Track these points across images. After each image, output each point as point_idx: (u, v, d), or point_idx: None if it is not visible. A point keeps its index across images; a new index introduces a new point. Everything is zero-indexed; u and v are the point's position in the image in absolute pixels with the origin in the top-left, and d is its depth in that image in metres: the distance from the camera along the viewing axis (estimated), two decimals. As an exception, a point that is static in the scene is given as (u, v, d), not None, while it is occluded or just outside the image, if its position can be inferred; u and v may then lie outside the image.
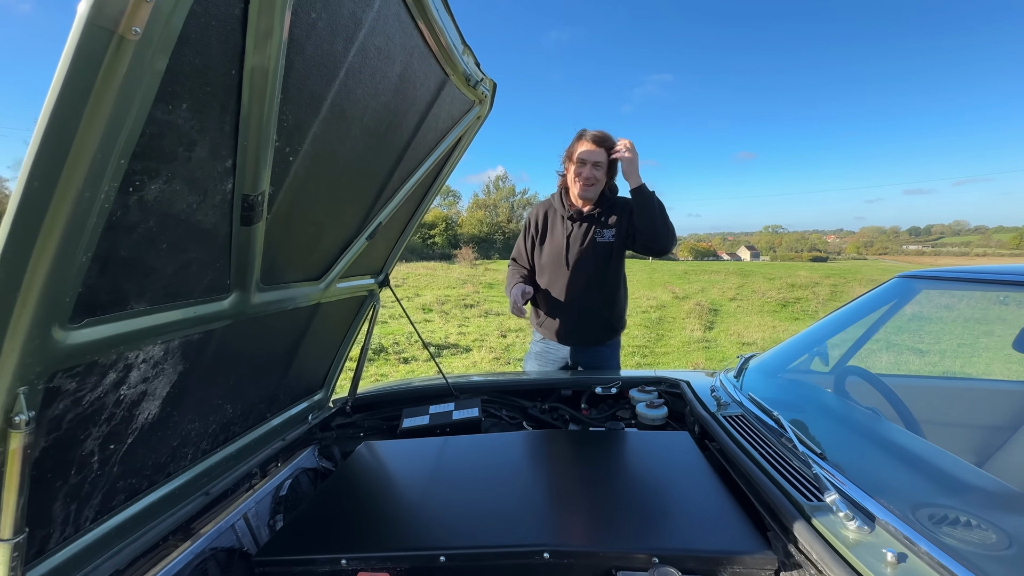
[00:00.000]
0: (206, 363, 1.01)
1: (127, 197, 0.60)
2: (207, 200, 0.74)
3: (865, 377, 1.55)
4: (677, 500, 1.03)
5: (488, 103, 1.62)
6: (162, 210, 0.67)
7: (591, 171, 2.03)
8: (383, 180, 1.36)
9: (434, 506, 1.13)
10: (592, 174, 2.03)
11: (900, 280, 1.67)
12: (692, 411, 1.47)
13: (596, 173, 2.04)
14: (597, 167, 2.04)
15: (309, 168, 0.98)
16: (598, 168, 2.04)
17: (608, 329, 2.23)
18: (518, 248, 2.35)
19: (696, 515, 0.97)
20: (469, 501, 1.12)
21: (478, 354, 6.73)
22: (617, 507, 1.02)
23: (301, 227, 1.09)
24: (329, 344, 1.68)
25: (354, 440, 1.72)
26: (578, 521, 0.97)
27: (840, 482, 0.90)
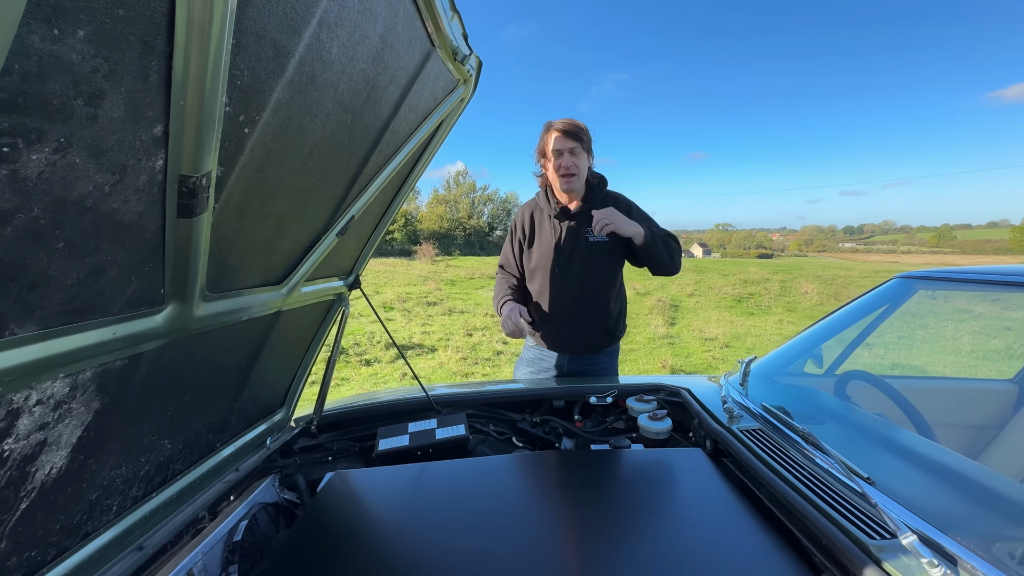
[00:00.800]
0: (133, 395, 0.79)
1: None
2: (126, 181, 0.53)
3: (872, 381, 1.48)
4: (715, 538, 0.90)
5: (472, 85, 1.44)
6: (53, 193, 0.46)
7: (570, 159, 1.86)
8: (357, 166, 1.16)
9: (427, 555, 0.95)
10: (572, 162, 1.87)
11: (899, 281, 1.63)
12: (703, 424, 1.35)
13: (575, 160, 1.87)
14: (575, 153, 1.87)
15: (269, 145, 0.77)
16: (576, 155, 1.88)
17: (606, 335, 2.08)
18: (505, 253, 2.18)
19: (742, 558, 0.84)
20: (469, 546, 0.95)
21: (444, 354, 6.52)
22: (648, 551, 0.87)
23: (258, 220, 0.88)
24: (291, 356, 1.45)
25: (322, 465, 1.50)
26: (606, 573, 0.82)
27: (904, 515, 0.79)
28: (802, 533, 0.88)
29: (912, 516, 0.79)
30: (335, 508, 1.14)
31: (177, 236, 0.66)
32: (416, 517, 1.06)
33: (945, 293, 1.71)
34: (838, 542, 0.79)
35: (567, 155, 1.86)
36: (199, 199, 0.64)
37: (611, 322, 2.06)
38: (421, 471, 1.28)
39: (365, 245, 1.55)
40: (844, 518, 0.83)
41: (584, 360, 2.08)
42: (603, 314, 2.03)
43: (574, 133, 1.85)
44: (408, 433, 1.51)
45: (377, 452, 1.43)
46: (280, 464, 1.44)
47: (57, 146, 0.43)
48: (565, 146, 1.85)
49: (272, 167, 0.81)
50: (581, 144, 1.87)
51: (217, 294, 0.86)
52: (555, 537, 0.95)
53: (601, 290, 2.00)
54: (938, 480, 0.96)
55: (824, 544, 0.82)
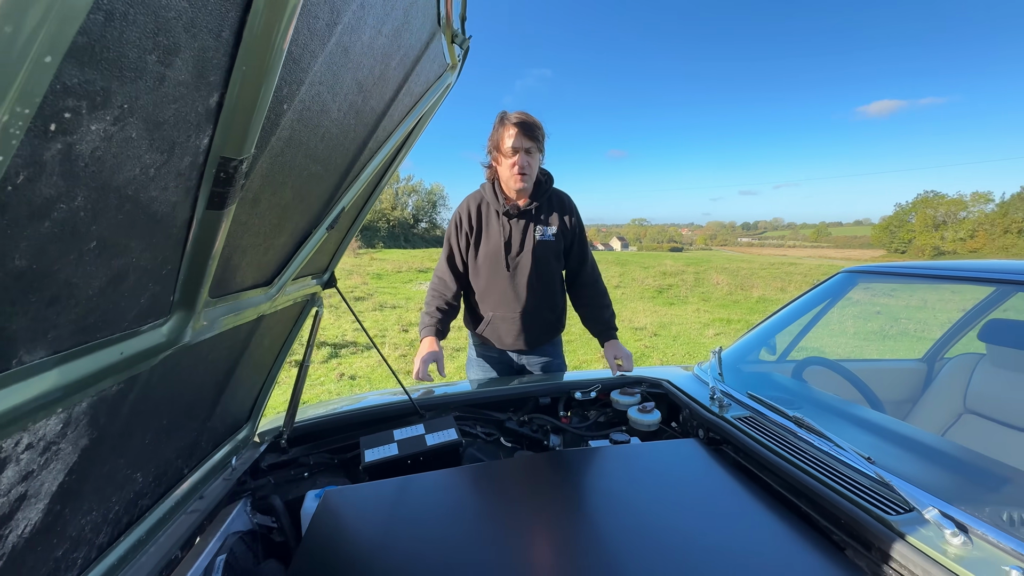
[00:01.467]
0: (120, 424, 0.64)
1: (41, 144, 0.28)
2: (171, 163, 0.42)
3: (829, 365, 1.63)
4: (735, 525, 0.93)
5: (458, 71, 1.37)
6: (101, 176, 0.35)
7: (525, 159, 1.80)
8: (354, 153, 1.04)
9: (452, 571, 0.88)
10: (527, 161, 1.80)
11: (844, 275, 1.81)
12: (694, 414, 1.41)
13: (531, 160, 1.81)
14: (531, 153, 1.81)
15: (295, 126, 0.66)
16: (531, 155, 1.81)
17: (553, 329, 2.10)
18: (447, 255, 2.00)
19: (767, 541, 0.88)
20: (492, 557, 0.90)
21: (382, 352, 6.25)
22: (674, 543, 0.88)
23: (266, 212, 0.76)
24: (262, 364, 1.29)
25: (298, 483, 1.36)
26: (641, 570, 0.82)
27: (917, 492, 0.87)
28: (819, 514, 0.94)
29: (923, 493, 0.88)
30: (337, 533, 1.03)
31: (201, 231, 0.54)
32: (428, 533, 0.99)
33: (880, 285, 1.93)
34: (860, 519, 0.85)
35: (523, 155, 1.79)
36: (234, 187, 0.53)
37: (556, 316, 2.08)
38: (421, 482, 1.20)
39: (342, 241, 1.41)
40: (859, 496, 0.90)
41: (532, 355, 2.08)
42: (550, 309, 2.04)
43: (532, 132, 1.79)
44: (395, 441, 1.41)
45: (365, 464, 1.32)
46: (251, 486, 1.29)
47: (119, 114, 0.32)
48: (523, 145, 1.78)
49: (291, 151, 0.70)
50: (537, 144, 1.82)
51: (217, 299, 0.73)
52: (583, 537, 0.93)
53: (549, 286, 2.00)
54: (915, 454, 1.08)
55: (844, 522, 0.89)
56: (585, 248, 2.03)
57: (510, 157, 1.79)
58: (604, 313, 2.00)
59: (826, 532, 0.92)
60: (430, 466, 1.33)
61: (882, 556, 0.81)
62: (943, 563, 0.74)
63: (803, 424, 1.15)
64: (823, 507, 0.93)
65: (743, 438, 1.18)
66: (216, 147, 0.47)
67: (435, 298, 1.96)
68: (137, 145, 0.36)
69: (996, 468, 0.99)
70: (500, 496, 1.13)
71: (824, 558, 0.84)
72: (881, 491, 0.90)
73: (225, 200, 0.53)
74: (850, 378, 1.55)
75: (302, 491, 1.31)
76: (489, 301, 1.98)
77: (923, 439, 1.15)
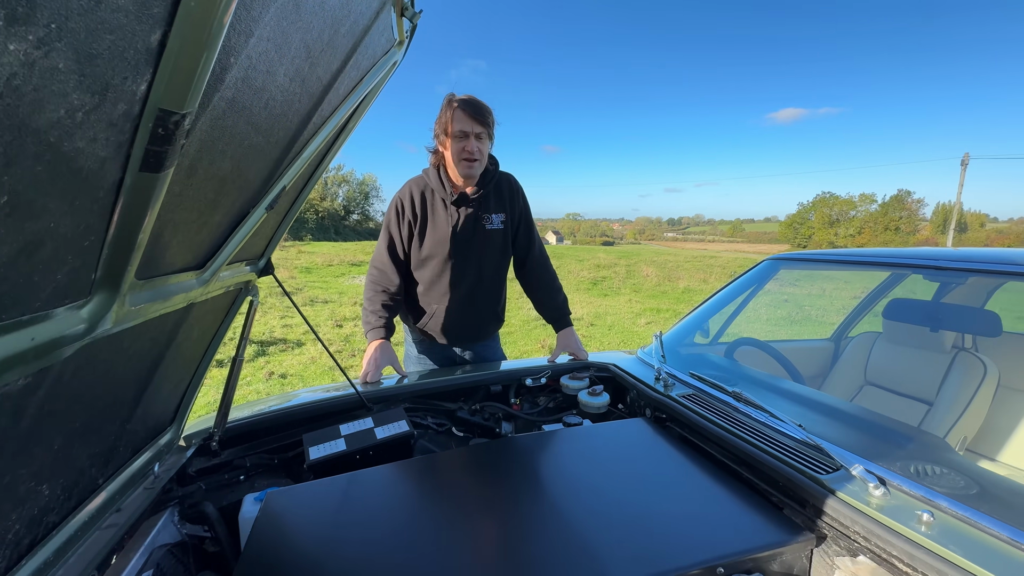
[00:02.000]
0: (23, 428, 0.55)
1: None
2: (103, 108, 0.36)
3: (757, 345, 1.77)
4: (691, 498, 0.98)
5: (405, 48, 1.32)
6: (18, 114, 0.29)
7: (475, 144, 1.71)
8: (297, 128, 0.97)
9: (410, 565, 0.85)
10: (476, 147, 1.72)
11: (770, 261, 1.96)
12: (642, 395, 1.47)
13: (480, 146, 1.73)
14: (480, 139, 1.73)
15: (239, 87, 0.59)
16: (481, 140, 1.74)
17: (497, 321, 2.09)
18: (387, 244, 1.86)
19: (723, 510, 0.94)
20: (450, 547, 0.88)
21: (313, 348, 5.94)
22: (639, 521, 0.92)
23: (203, 184, 0.68)
24: (189, 360, 1.17)
25: (233, 487, 1.25)
26: (618, 548, 0.84)
27: (843, 452, 0.97)
28: (759, 478, 1.02)
29: (847, 453, 0.97)
30: (283, 536, 0.96)
31: (131, 198, 0.47)
32: (382, 529, 0.95)
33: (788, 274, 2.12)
34: (796, 480, 0.93)
35: (473, 139, 1.72)
36: (172, 147, 0.46)
37: (501, 307, 2.07)
38: (372, 477, 1.15)
39: (279, 226, 1.31)
40: (794, 460, 0.98)
41: (475, 348, 2.06)
42: (496, 301, 2.02)
43: (482, 117, 1.72)
44: (342, 436, 1.34)
45: (310, 462, 1.24)
46: (178, 494, 1.17)
47: (45, 36, 0.26)
48: (472, 129, 1.71)
49: (233, 116, 0.63)
50: (488, 130, 1.75)
51: (144, 281, 0.65)
52: (542, 518, 0.93)
53: (495, 277, 1.97)
54: (837, 420, 1.20)
55: (781, 484, 0.96)
56: (532, 231, 2.00)
57: (459, 141, 1.72)
58: (557, 298, 2.02)
59: (765, 494, 0.99)
60: (381, 460, 1.28)
61: (816, 511, 0.89)
62: (868, 512, 0.82)
63: (741, 398, 1.23)
64: (763, 472, 1.01)
65: (688, 414, 1.24)
66: (155, 97, 0.41)
67: (378, 293, 1.84)
68: (64, 80, 0.30)
69: (902, 429, 1.12)
70: (455, 486, 1.11)
71: (765, 517, 0.91)
72: (813, 454, 0.99)
73: (162, 162, 0.46)
74: (776, 356, 1.69)
75: (239, 495, 1.21)
76: (434, 294, 1.92)
77: (843, 407, 1.27)
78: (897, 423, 1.16)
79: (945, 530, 0.76)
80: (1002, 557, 0.71)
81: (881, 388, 1.98)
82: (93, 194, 0.41)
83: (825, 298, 9.22)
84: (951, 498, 0.82)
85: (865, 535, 0.80)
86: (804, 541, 0.85)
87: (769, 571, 0.84)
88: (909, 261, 1.55)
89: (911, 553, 0.74)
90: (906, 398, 1.89)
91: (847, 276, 10.06)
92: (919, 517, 0.79)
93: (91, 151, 0.37)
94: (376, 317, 1.79)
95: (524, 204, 1.96)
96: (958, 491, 0.85)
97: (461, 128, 1.70)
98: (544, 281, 2.02)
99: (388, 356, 1.72)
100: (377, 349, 1.71)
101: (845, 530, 0.84)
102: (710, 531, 0.87)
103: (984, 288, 1.84)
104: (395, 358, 1.74)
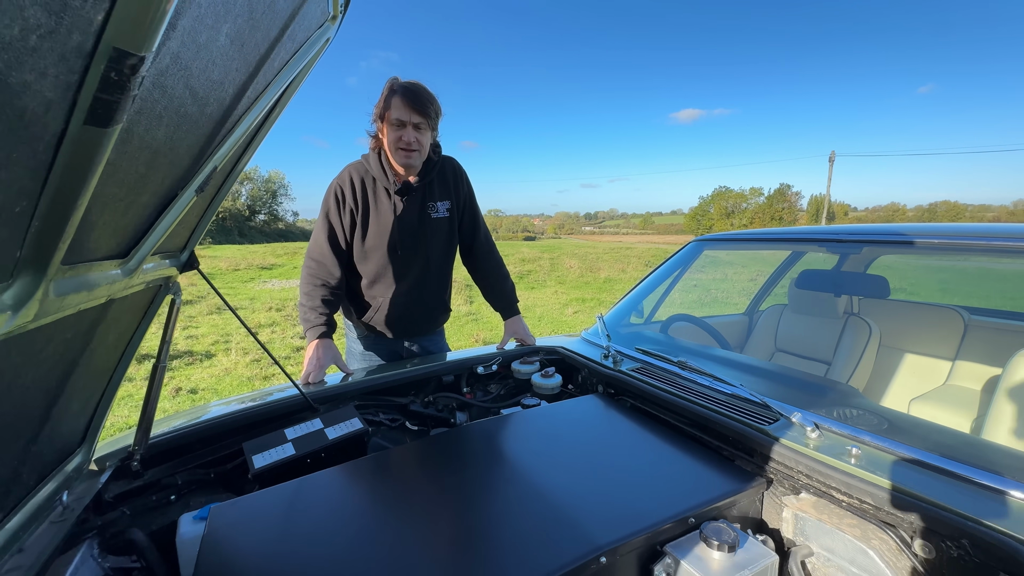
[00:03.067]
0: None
1: None
2: (58, 35, 0.30)
3: (691, 320, 1.91)
4: (653, 461, 1.04)
5: (338, 24, 1.25)
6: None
7: (413, 134, 1.62)
8: (231, 101, 0.88)
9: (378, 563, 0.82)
10: (415, 137, 1.62)
11: (695, 243, 2.12)
12: (593, 372, 1.52)
13: (419, 136, 1.64)
14: (420, 129, 1.63)
15: (184, 39, 0.52)
16: (421, 131, 1.64)
17: (445, 311, 2.06)
18: (326, 234, 1.73)
19: (683, 469, 1.00)
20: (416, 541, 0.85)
21: (227, 359, 5.44)
22: (609, 487, 0.95)
23: (136, 154, 0.59)
24: (102, 370, 1.02)
25: (165, 509, 1.12)
26: (595, 514, 0.87)
27: (782, 405, 1.07)
28: (710, 436, 1.10)
29: (784, 404, 1.08)
30: (236, 552, 0.87)
31: (72, 157, 0.40)
32: (343, 531, 0.90)
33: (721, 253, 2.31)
34: (745, 433, 1.02)
35: (411, 129, 1.62)
36: (124, 98, 0.40)
37: (448, 296, 2.03)
38: (325, 480, 1.08)
39: (204, 214, 1.18)
40: (741, 415, 1.07)
41: (423, 342, 2.02)
42: (444, 290, 1.98)
43: (421, 107, 1.62)
44: (290, 440, 1.24)
45: (255, 471, 1.14)
46: (96, 524, 1.02)
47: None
48: (411, 119, 1.61)
49: (174, 74, 0.56)
50: (428, 120, 1.66)
51: (69, 267, 0.55)
52: (515, 498, 0.93)
53: (443, 266, 1.93)
54: (766, 379, 1.33)
55: (731, 439, 1.05)
56: (477, 217, 1.97)
57: (396, 130, 1.63)
58: (506, 285, 2.01)
59: (718, 450, 1.08)
60: (334, 461, 1.20)
61: (763, 459, 0.98)
62: (808, 453, 0.92)
63: (686, 366, 1.33)
64: (714, 430, 1.09)
65: (641, 385, 1.31)
66: (111, 32, 0.34)
67: (317, 287, 1.71)
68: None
69: (823, 382, 1.27)
70: (418, 479, 1.08)
71: (720, 469, 0.99)
72: (756, 409, 1.09)
73: (111, 114, 0.40)
74: (708, 329, 1.84)
75: (172, 517, 1.08)
76: (380, 286, 1.84)
77: (772, 368, 1.42)
78: (818, 378, 1.31)
79: (871, 460, 0.88)
80: (914, 474, 0.83)
81: (789, 353, 2.23)
82: (33, 146, 0.34)
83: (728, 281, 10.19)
84: (872, 433, 0.95)
85: (807, 473, 0.90)
86: (756, 486, 0.94)
87: (729, 516, 0.91)
88: (814, 236, 1.76)
89: (846, 482, 0.85)
90: (810, 360, 2.14)
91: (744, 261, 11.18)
92: (849, 452, 0.90)
93: (39, 89, 0.31)
94: (316, 314, 1.67)
95: (468, 189, 1.92)
96: (875, 427, 0.99)
97: (398, 117, 1.61)
98: (491, 267, 2.00)
99: (331, 354, 1.62)
100: (319, 347, 1.60)
101: (789, 471, 0.94)
102: (675, 487, 0.93)
103: (868, 258, 2.13)
104: (339, 356, 1.64)
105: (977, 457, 0.87)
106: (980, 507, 0.74)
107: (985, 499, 0.76)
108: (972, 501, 0.76)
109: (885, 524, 0.82)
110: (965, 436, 1.09)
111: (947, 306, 2.18)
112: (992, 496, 0.77)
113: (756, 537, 0.86)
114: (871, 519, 0.83)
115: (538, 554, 0.76)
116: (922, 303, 2.27)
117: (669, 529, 0.83)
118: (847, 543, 0.84)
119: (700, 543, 0.81)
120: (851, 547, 0.83)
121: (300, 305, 1.72)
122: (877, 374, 2.06)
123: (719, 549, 0.78)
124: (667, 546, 0.81)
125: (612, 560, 0.76)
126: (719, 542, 0.79)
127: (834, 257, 2.10)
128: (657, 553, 0.81)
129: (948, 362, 2.06)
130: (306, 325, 1.67)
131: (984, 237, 1.32)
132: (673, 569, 0.80)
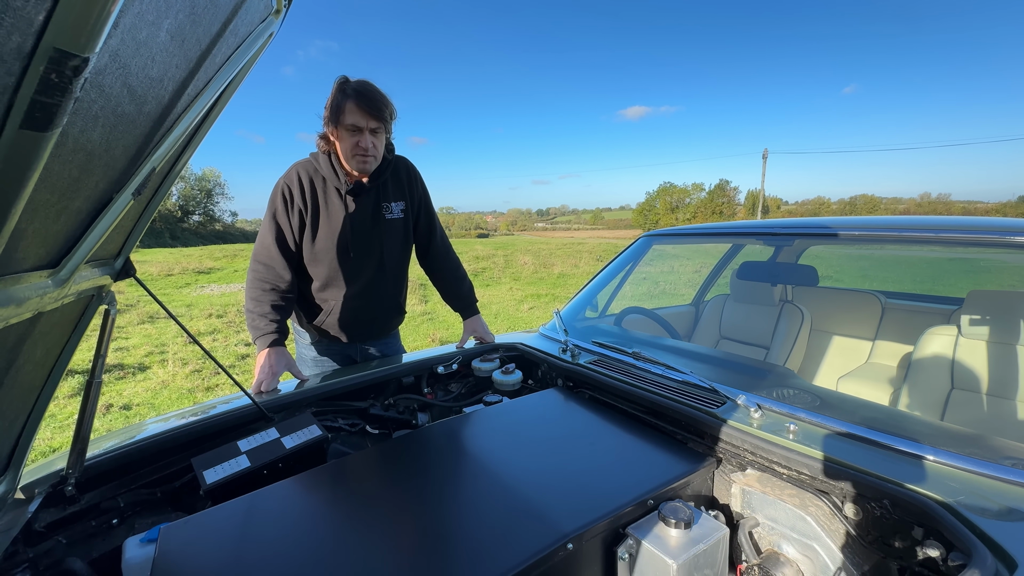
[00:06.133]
0: None
1: None
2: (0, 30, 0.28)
3: (643, 312, 1.99)
4: (612, 449, 1.09)
5: (282, 18, 1.21)
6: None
7: (370, 140, 1.57)
8: (170, 99, 0.83)
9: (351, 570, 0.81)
10: (371, 143, 1.57)
11: (645, 238, 2.21)
12: (552, 367, 1.56)
13: (376, 141, 1.59)
14: (376, 134, 1.58)
15: (124, 36, 0.50)
16: (377, 135, 1.59)
17: (400, 313, 2.03)
18: (274, 236, 1.65)
19: (641, 454, 1.05)
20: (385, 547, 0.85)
21: (163, 371, 5.08)
22: (573, 476, 0.99)
23: (70, 157, 0.55)
24: (29, 388, 0.94)
25: (106, 534, 1.04)
26: (560, 504, 0.90)
27: (728, 389, 1.15)
28: (664, 422, 1.16)
29: (731, 389, 1.16)
30: (192, 574, 0.83)
31: (7, 164, 0.37)
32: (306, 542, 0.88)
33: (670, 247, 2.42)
34: (695, 417, 1.09)
35: (367, 135, 1.57)
36: (65, 100, 0.38)
37: (403, 298, 2.00)
38: (283, 491, 1.05)
39: (140, 218, 1.11)
40: (692, 400, 1.14)
41: (378, 345, 1.98)
42: (399, 292, 1.95)
43: (378, 112, 1.56)
44: (243, 452, 1.19)
45: (208, 487, 1.09)
46: (27, 556, 0.94)
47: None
48: (367, 125, 1.56)
49: (112, 72, 0.53)
50: (384, 124, 1.61)
51: (-4, 279, 0.51)
52: (481, 495, 0.95)
53: (398, 268, 1.89)
54: (713, 366, 1.41)
55: (684, 423, 1.12)
56: (432, 217, 1.94)
57: (352, 135, 1.56)
58: (463, 286, 2.00)
59: (671, 434, 1.14)
60: (293, 471, 1.17)
61: (713, 440, 1.05)
62: (752, 432, 1.00)
63: (640, 357, 1.39)
64: (667, 416, 1.15)
65: (599, 377, 1.36)
66: (52, 31, 0.32)
67: (266, 292, 1.62)
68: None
69: (763, 366, 1.37)
70: (382, 483, 1.07)
71: (674, 452, 1.05)
72: (705, 394, 1.17)
73: (51, 118, 0.37)
74: (659, 320, 1.93)
75: (115, 542, 1.01)
76: (332, 289, 1.78)
77: (717, 355, 1.51)
78: (759, 362, 1.42)
79: (807, 435, 0.97)
80: (843, 445, 0.92)
81: (732, 340, 2.37)
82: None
83: (675, 274, 10.65)
84: (807, 410, 1.04)
85: (752, 450, 0.98)
86: (707, 465, 1.00)
87: (684, 495, 0.97)
88: (752, 230, 1.89)
89: (786, 456, 0.92)
90: (750, 345, 2.29)
91: (689, 254, 11.70)
92: (788, 428, 0.98)
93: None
94: (266, 321, 1.59)
95: (423, 189, 1.90)
96: (809, 405, 1.08)
97: (354, 123, 1.55)
98: (448, 268, 1.99)
99: (284, 360, 1.56)
100: (271, 355, 1.54)
101: (736, 450, 1.01)
102: (634, 472, 0.98)
103: (799, 249, 2.31)
104: (292, 362, 1.58)
105: (894, 427, 0.97)
106: (898, 470, 0.84)
107: (902, 463, 0.86)
108: (891, 466, 0.85)
109: (820, 492, 0.90)
110: (885, 408, 1.22)
111: (867, 291, 2.40)
112: (908, 460, 0.87)
113: (709, 513, 0.93)
114: (808, 488, 0.92)
115: (507, 547, 0.78)
116: (846, 289, 2.48)
117: (630, 512, 0.87)
118: (788, 512, 0.92)
119: (659, 523, 0.86)
120: (792, 515, 0.91)
121: (247, 312, 1.63)
122: (809, 356, 2.23)
123: (676, 527, 0.84)
124: (629, 528, 0.85)
125: (578, 546, 0.80)
126: (676, 520, 0.84)
127: (770, 249, 2.26)
128: (620, 535, 0.85)
129: (869, 342, 2.27)
130: (255, 333, 1.59)
131: (897, 229, 1.47)
132: (635, 549, 0.84)
